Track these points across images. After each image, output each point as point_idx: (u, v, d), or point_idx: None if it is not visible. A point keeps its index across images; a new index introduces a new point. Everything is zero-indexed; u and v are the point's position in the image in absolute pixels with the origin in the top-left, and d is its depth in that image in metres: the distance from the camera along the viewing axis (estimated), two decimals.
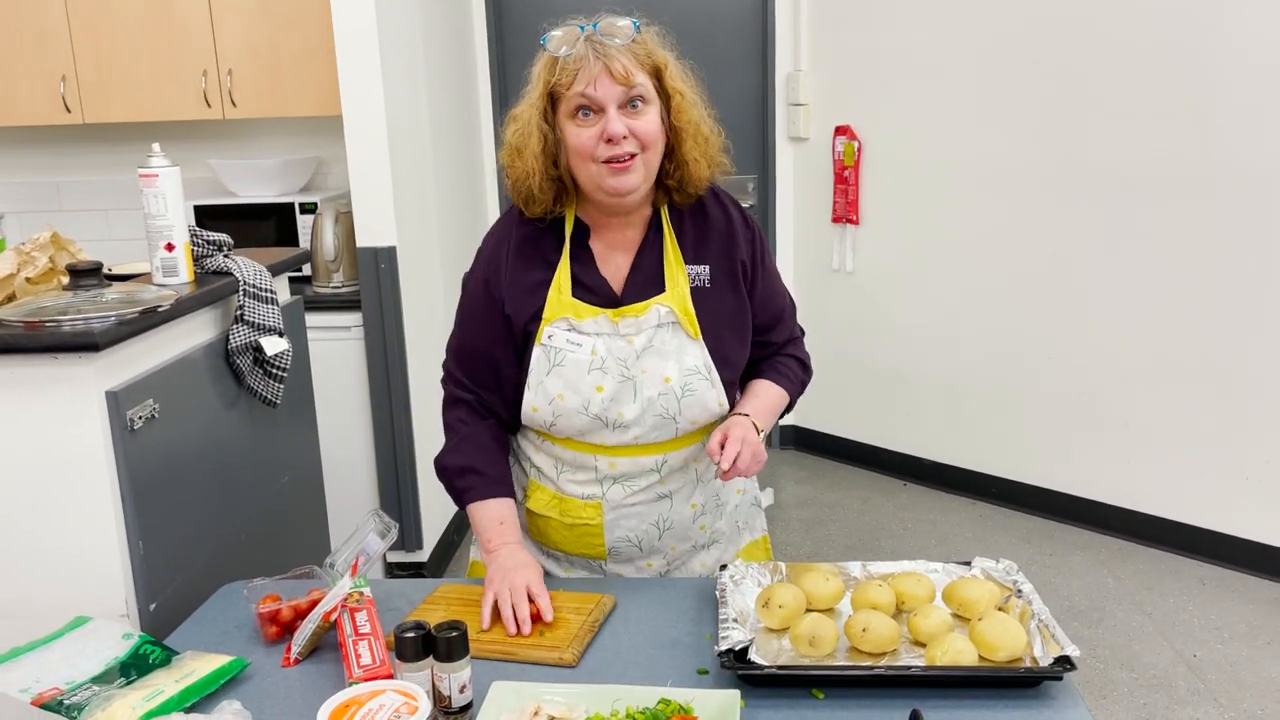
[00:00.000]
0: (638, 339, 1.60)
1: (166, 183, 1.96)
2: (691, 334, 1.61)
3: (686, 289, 1.62)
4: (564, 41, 1.52)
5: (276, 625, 1.55)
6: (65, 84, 3.54)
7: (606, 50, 1.49)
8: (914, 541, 3.73)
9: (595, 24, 1.52)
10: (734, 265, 1.65)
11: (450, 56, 3.96)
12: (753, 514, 1.88)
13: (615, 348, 1.60)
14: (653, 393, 1.60)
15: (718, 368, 1.63)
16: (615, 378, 1.59)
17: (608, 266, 1.64)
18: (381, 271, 3.22)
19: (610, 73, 1.48)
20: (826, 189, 4.28)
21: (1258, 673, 2.88)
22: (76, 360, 1.68)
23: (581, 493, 1.66)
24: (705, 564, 1.78)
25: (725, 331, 1.65)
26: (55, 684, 1.38)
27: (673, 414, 1.61)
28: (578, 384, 1.59)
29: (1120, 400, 3.64)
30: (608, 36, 1.51)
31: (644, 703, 1.29)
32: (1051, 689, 1.34)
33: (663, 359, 1.60)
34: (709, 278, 1.64)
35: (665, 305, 1.61)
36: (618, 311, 1.61)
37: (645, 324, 1.60)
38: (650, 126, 1.53)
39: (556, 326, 1.60)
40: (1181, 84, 3.33)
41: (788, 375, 1.75)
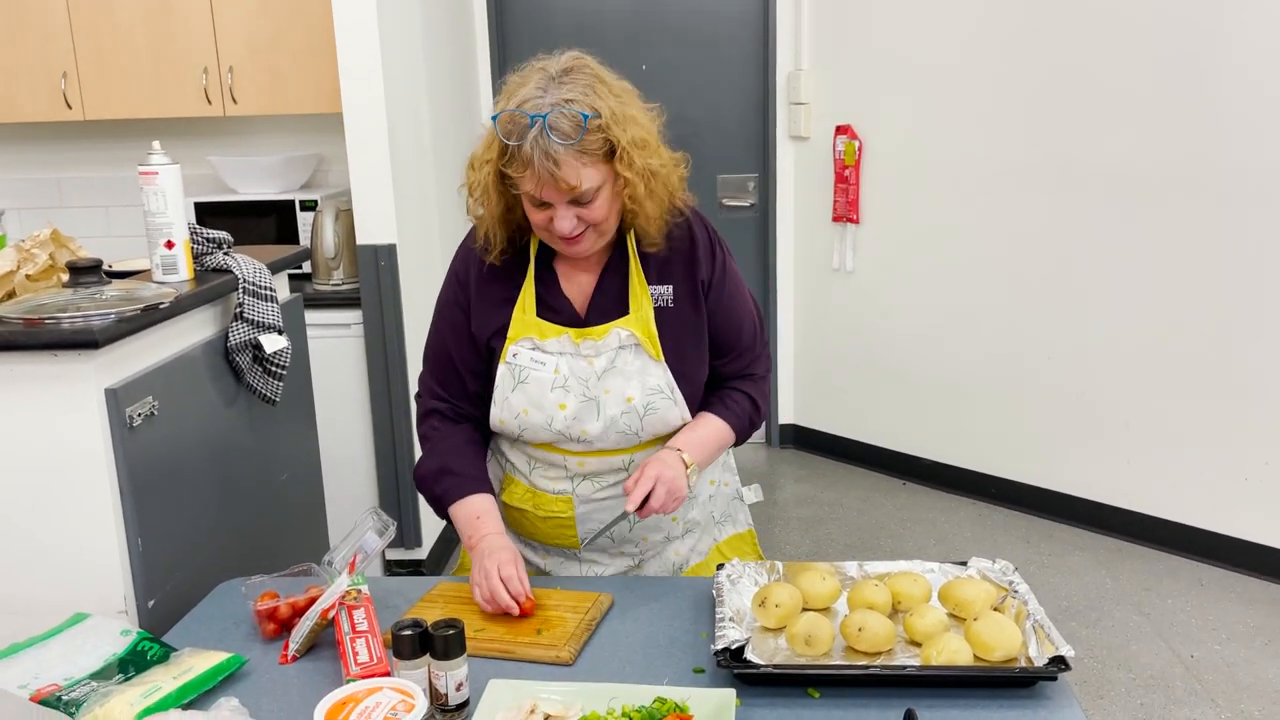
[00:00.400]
0: (598, 360, 1.63)
1: (166, 180, 1.96)
2: (654, 356, 1.63)
3: (650, 311, 1.63)
4: (513, 131, 1.47)
5: (274, 622, 1.55)
6: (66, 80, 3.54)
7: (555, 156, 1.45)
8: (913, 541, 3.74)
9: (545, 117, 1.45)
10: (695, 285, 1.66)
11: (451, 54, 3.96)
12: (734, 507, 1.90)
13: (577, 368, 1.63)
14: (615, 412, 1.63)
15: (680, 386, 1.65)
16: (578, 396, 1.62)
17: (571, 286, 1.66)
18: (381, 269, 3.22)
19: (556, 184, 1.47)
20: (827, 188, 4.28)
21: (1255, 674, 2.88)
22: (76, 357, 1.68)
23: (553, 488, 1.71)
24: (679, 553, 1.81)
25: (688, 350, 1.67)
26: (54, 680, 1.38)
27: (635, 430, 1.65)
28: (541, 401, 1.63)
29: (1120, 401, 3.64)
30: (558, 137, 1.45)
31: (640, 701, 1.29)
32: (1046, 689, 1.35)
33: (625, 379, 1.63)
34: (673, 297, 1.65)
35: (626, 329, 1.63)
36: (579, 333, 1.63)
37: (605, 347, 1.63)
38: (599, 212, 1.53)
39: (521, 345, 1.64)
40: (1183, 84, 3.33)
41: (736, 412, 1.72)
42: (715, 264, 1.67)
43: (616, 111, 1.50)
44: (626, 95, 1.54)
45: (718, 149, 4.44)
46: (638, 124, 1.53)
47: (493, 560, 1.57)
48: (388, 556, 3.47)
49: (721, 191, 4.48)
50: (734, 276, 1.71)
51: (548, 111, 1.45)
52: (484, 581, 1.55)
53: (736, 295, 1.71)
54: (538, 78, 1.50)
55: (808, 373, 4.58)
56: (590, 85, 1.50)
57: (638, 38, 4.36)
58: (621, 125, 1.50)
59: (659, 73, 4.38)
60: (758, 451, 4.64)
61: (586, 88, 1.49)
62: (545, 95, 1.48)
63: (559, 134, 1.45)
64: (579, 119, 1.46)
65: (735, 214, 4.51)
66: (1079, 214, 3.63)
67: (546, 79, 1.50)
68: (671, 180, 1.60)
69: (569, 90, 1.48)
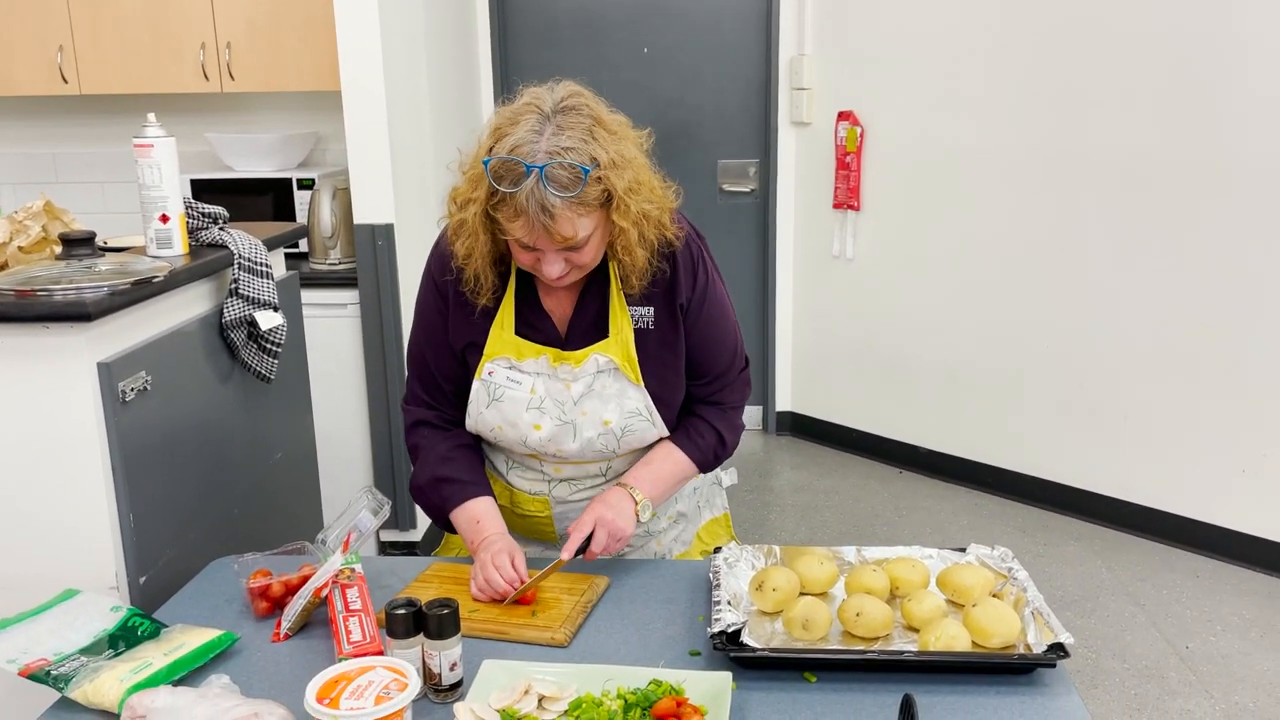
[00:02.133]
0: (575, 386, 1.60)
1: (162, 153, 1.94)
2: (633, 380, 1.60)
3: (630, 333, 1.59)
4: (506, 177, 1.40)
5: (267, 600, 1.54)
6: (62, 54, 3.51)
7: (551, 209, 1.38)
8: (909, 529, 3.73)
9: (543, 170, 1.37)
10: (674, 306, 1.61)
11: (451, 33, 3.93)
12: (713, 492, 1.90)
13: (554, 390, 1.60)
14: (592, 434, 1.61)
15: (659, 409, 1.63)
16: (553, 419, 1.60)
17: (551, 301, 1.62)
18: (379, 249, 3.20)
19: (549, 235, 1.41)
20: (828, 174, 4.26)
21: (1250, 665, 2.88)
22: (68, 330, 1.67)
23: (530, 489, 1.70)
24: (662, 544, 1.80)
25: (668, 373, 1.64)
26: (43, 655, 1.37)
27: (611, 449, 1.64)
28: (516, 420, 1.61)
29: (1118, 392, 3.63)
30: (555, 189, 1.38)
31: (635, 683, 1.28)
32: (1044, 676, 1.34)
33: (603, 402, 1.60)
34: (653, 319, 1.61)
35: (605, 355, 1.59)
36: (558, 355, 1.59)
37: (583, 372, 1.60)
38: (587, 257, 1.49)
39: (497, 364, 1.61)
40: (1186, 76, 3.31)
41: (700, 446, 1.68)
42: (696, 285, 1.61)
43: (614, 157, 1.43)
44: (622, 130, 1.47)
45: (719, 134, 4.42)
46: (633, 165, 1.46)
47: (488, 553, 1.55)
48: (382, 537, 3.46)
49: (722, 177, 4.46)
50: (717, 299, 1.65)
51: (545, 163, 1.38)
52: (479, 573, 1.54)
53: (718, 319, 1.66)
54: (532, 119, 1.41)
55: (806, 360, 4.56)
56: (589, 130, 1.42)
57: (640, 20, 4.33)
58: (619, 172, 1.43)
59: (661, 56, 4.35)
60: (755, 439, 4.63)
61: (585, 133, 1.41)
62: (540, 140, 1.39)
63: (556, 186, 1.38)
64: (578, 172, 1.39)
65: (736, 200, 4.48)
66: (1079, 204, 3.61)
67: (541, 119, 1.41)
68: (663, 220, 1.53)
69: (567, 138, 1.40)
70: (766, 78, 4.32)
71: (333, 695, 1.17)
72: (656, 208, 1.51)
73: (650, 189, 1.50)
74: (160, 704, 1.22)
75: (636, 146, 1.49)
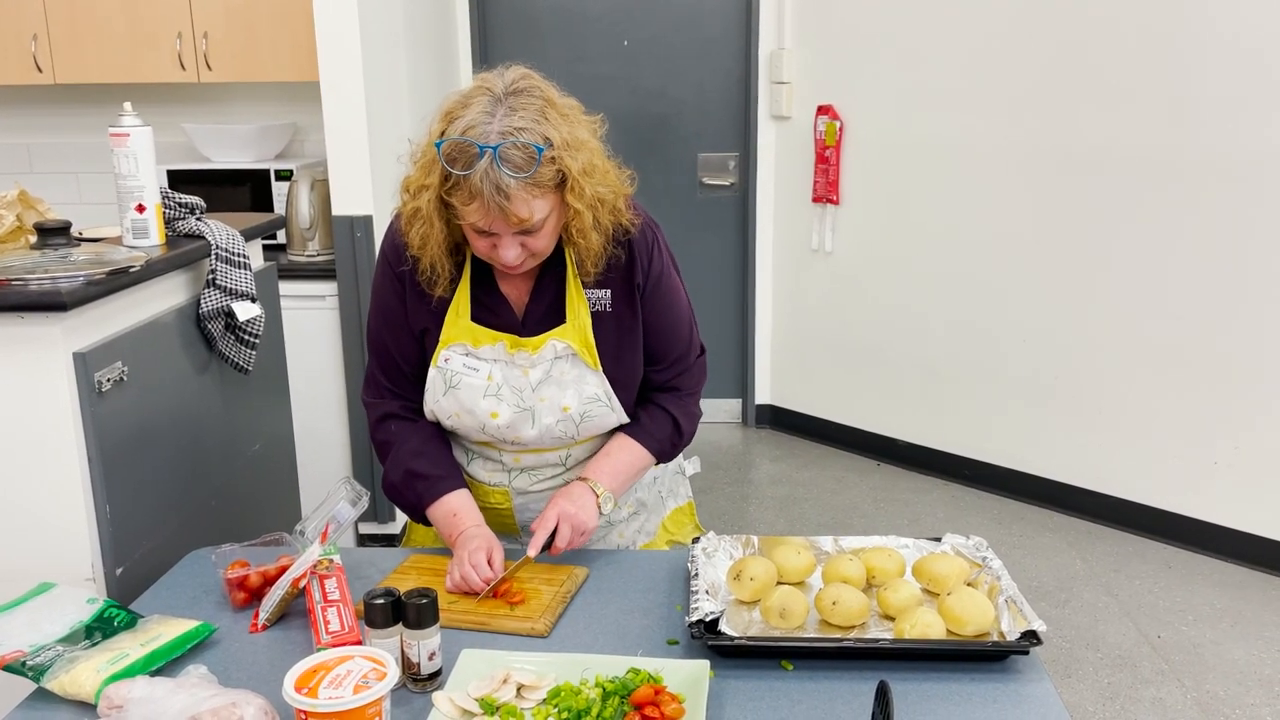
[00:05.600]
0: (533, 372, 1.59)
1: (138, 142, 1.92)
2: (591, 365, 1.60)
3: (587, 319, 1.59)
4: (459, 160, 1.39)
5: (244, 591, 1.53)
6: (36, 43, 3.47)
7: (506, 190, 1.37)
8: (886, 521, 3.76)
9: (496, 149, 1.36)
10: (631, 290, 1.61)
11: (430, 24, 3.91)
12: (676, 482, 1.90)
13: (511, 376, 1.59)
14: (550, 420, 1.60)
15: (617, 392, 1.63)
16: (511, 406, 1.59)
17: (508, 287, 1.61)
18: (357, 240, 3.19)
19: (505, 217, 1.40)
20: (807, 168, 4.27)
21: (1220, 654, 2.92)
22: (43, 320, 1.65)
23: (489, 480, 1.69)
24: (625, 535, 1.80)
25: (625, 354, 1.63)
26: (18, 647, 1.36)
27: (571, 436, 1.63)
28: (473, 408, 1.60)
29: (1093, 385, 3.67)
30: (510, 170, 1.37)
31: (614, 672, 1.29)
32: (1017, 663, 1.35)
33: (561, 389, 1.60)
34: (610, 302, 1.61)
35: (563, 340, 1.59)
36: (515, 342, 1.59)
37: (540, 359, 1.59)
38: (542, 241, 1.48)
39: (453, 350, 1.59)
40: (1163, 70, 3.34)
41: (656, 436, 1.69)
42: (651, 268, 1.61)
43: (568, 139, 1.42)
44: (573, 114, 1.46)
45: (699, 127, 4.42)
46: (586, 148, 1.46)
47: (464, 549, 1.54)
48: (360, 530, 3.45)
49: (702, 170, 4.47)
50: (671, 285, 1.65)
51: (498, 143, 1.37)
52: (455, 568, 1.53)
53: (671, 304, 1.66)
54: (484, 100, 1.40)
55: (785, 353, 4.58)
56: (540, 111, 1.41)
57: (620, 13, 4.33)
58: (573, 153, 1.42)
59: (641, 49, 4.35)
60: (733, 431, 4.64)
61: (537, 114, 1.40)
62: (493, 122, 1.38)
63: (510, 166, 1.37)
64: (532, 151, 1.38)
65: (715, 193, 4.49)
66: (1055, 199, 3.64)
67: (493, 101, 1.40)
68: (618, 205, 1.53)
69: (520, 118, 1.39)
70: (746, 71, 4.33)
71: (311, 685, 1.16)
72: (611, 192, 1.51)
73: (604, 173, 1.50)
74: (137, 694, 1.21)
75: (589, 131, 1.48)
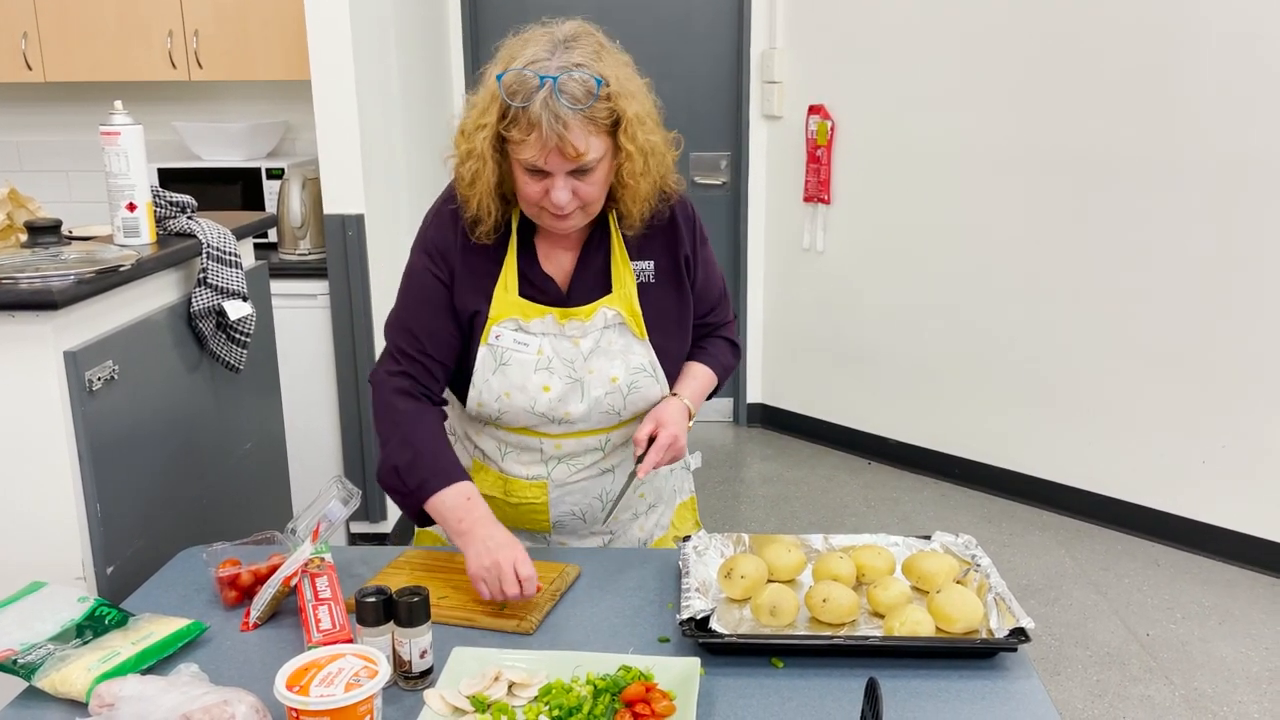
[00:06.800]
0: (584, 341, 1.59)
1: (129, 141, 1.92)
2: (638, 334, 1.61)
3: (633, 288, 1.61)
4: (519, 92, 1.41)
5: (236, 590, 1.53)
6: (26, 40, 3.46)
7: (565, 119, 1.40)
8: (877, 519, 3.77)
9: (555, 80, 1.40)
10: (677, 260, 1.64)
11: (422, 23, 3.91)
12: (683, 477, 1.91)
13: (562, 349, 1.59)
14: (599, 392, 1.60)
15: (662, 363, 1.64)
16: (562, 378, 1.59)
17: (551, 263, 1.61)
18: (349, 239, 3.19)
19: (562, 150, 1.42)
20: (799, 168, 4.28)
21: (1208, 652, 2.94)
22: (34, 319, 1.65)
23: (526, 473, 1.67)
24: (644, 528, 1.81)
25: (670, 326, 1.65)
26: (9, 645, 1.36)
27: (618, 409, 1.63)
28: (524, 384, 1.59)
29: (1083, 384, 3.68)
30: (568, 101, 1.40)
31: (605, 670, 1.29)
32: (1006, 660, 1.36)
33: (609, 359, 1.60)
34: (653, 273, 1.63)
35: (612, 308, 1.60)
36: (564, 313, 1.59)
37: (591, 328, 1.59)
38: (594, 188, 1.49)
39: (504, 327, 1.59)
40: (1153, 72, 3.35)
41: (718, 358, 1.75)
42: (696, 238, 1.66)
43: (623, 82, 1.46)
44: (628, 69, 1.51)
45: (690, 127, 4.42)
46: (640, 98, 1.49)
47: (507, 556, 1.45)
48: (352, 529, 3.45)
49: (694, 170, 4.47)
50: (708, 252, 1.72)
51: (558, 74, 1.41)
52: (495, 579, 1.44)
53: (711, 258, 1.73)
54: (544, 41, 1.45)
55: (776, 352, 4.59)
56: (596, 53, 1.46)
57: (611, 12, 4.33)
58: (627, 97, 1.46)
59: (632, 48, 4.30)
60: (725, 430, 4.65)
61: (593, 54, 1.45)
62: (552, 58, 1.42)
63: (569, 97, 1.40)
64: (591, 84, 1.41)
65: (707, 192, 4.50)
66: (1046, 198, 3.65)
67: (553, 43, 1.45)
68: (666, 160, 1.56)
69: (577, 55, 1.43)
70: (738, 71, 4.34)
71: (303, 683, 1.17)
72: (663, 142, 1.54)
73: (655, 127, 1.52)
74: (129, 692, 1.21)
75: (641, 88, 1.52)
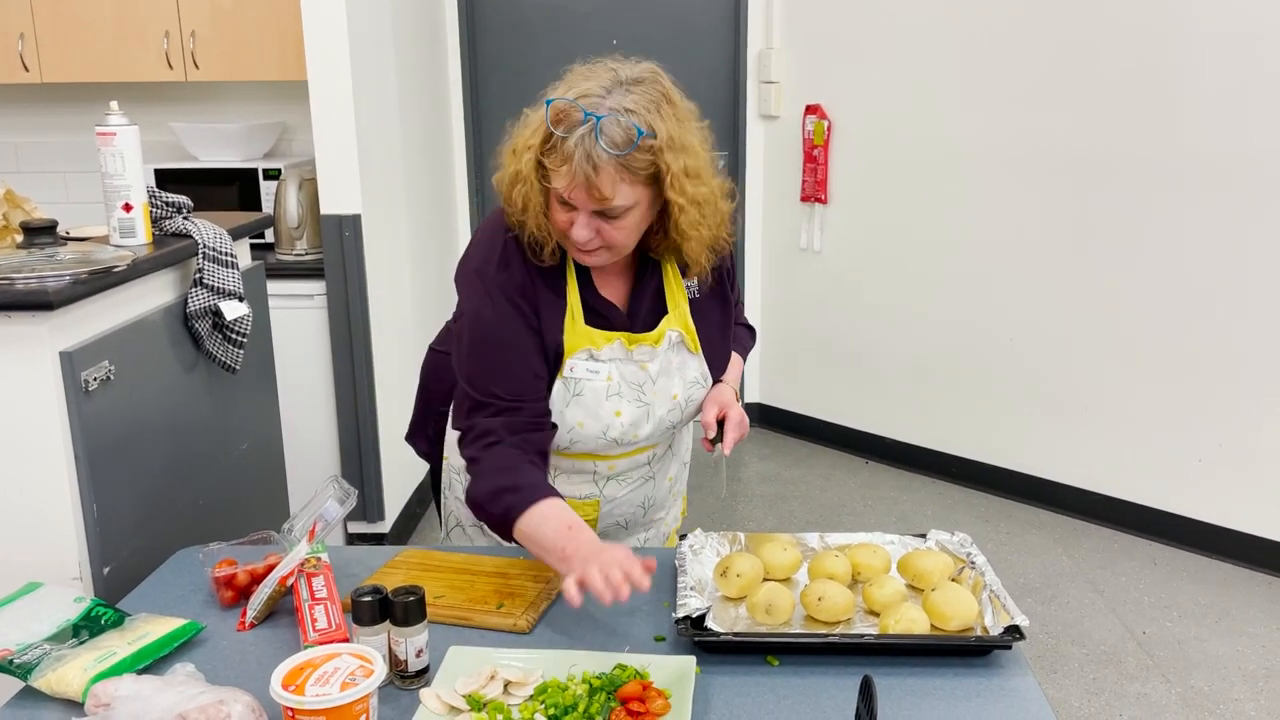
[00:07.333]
0: (652, 365, 1.60)
1: (125, 141, 1.92)
2: (693, 349, 1.64)
3: (686, 306, 1.62)
4: (563, 122, 1.41)
5: (232, 590, 1.53)
6: (23, 42, 3.46)
7: (597, 162, 1.38)
8: (874, 518, 3.77)
9: (599, 119, 1.38)
10: (721, 273, 1.66)
11: (419, 23, 3.91)
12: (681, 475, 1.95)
13: (629, 373, 1.59)
14: (663, 411, 1.63)
15: (712, 373, 1.67)
16: (632, 403, 1.60)
17: (608, 288, 1.60)
18: (346, 240, 3.19)
19: (589, 189, 1.40)
20: (796, 168, 4.29)
21: (1205, 650, 2.94)
22: (30, 319, 1.65)
23: (579, 493, 1.68)
24: (667, 522, 1.86)
25: (715, 336, 1.67)
26: (5, 645, 1.36)
27: (675, 424, 1.67)
28: (597, 411, 1.58)
29: (1080, 383, 3.69)
30: (606, 143, 1.38)
31: (600, 668, 1.30)
32: (1001, 658, 1.36)
33: (669, 378, 1.62)
34: (698, 288, 1.65)
35: (675, 329, 1.61)
36: (631, 339, 1.58)
37: (660, 351, 1.60)
38: (621, 233, 1.47)
39: (577, 358, 1.57)
40: (1152, 72, 3.36)
41: (743, 342, 1.82)
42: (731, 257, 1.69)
43: (675, 137, 1.43)
44: (689, 120, 1.48)
45: None
46: (692, 152, 1.46)
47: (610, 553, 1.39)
48: (350, 529, 3.45)
49: None
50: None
51: (605, 115, 1.39)
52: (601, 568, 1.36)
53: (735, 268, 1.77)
54: (605, 77, 1.44)
55: (773, 352, 4.59)
56: (656, 103, 1.43)
57: (609, 12, 4.33)
58: (675, 152, 1.43)
59: (630, 48, 4.31)
60: None
61: (652, 104, 1.42)
62: (607, 97, 1.41)
63: (608, 140, 1.38)
64: (634, 132, 1.39)
65: None
66: (1043, 198, 3.66)
67: (614, 81, 1.43)
68: (720, 209, 1.53)
69: (633, 100, 1.41)
70: (735, 71, 4.34)
71: (298, 682, 1.17)
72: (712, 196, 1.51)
73: (708, 180, 1.50)
74: (125, 692, 1.21)
75: (699, 138, 1.49)
